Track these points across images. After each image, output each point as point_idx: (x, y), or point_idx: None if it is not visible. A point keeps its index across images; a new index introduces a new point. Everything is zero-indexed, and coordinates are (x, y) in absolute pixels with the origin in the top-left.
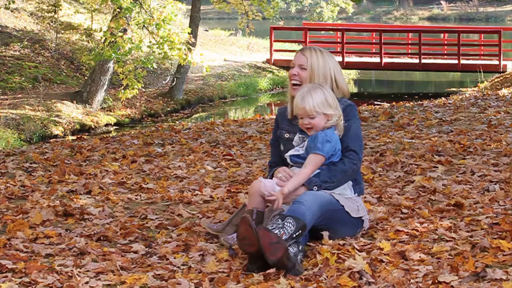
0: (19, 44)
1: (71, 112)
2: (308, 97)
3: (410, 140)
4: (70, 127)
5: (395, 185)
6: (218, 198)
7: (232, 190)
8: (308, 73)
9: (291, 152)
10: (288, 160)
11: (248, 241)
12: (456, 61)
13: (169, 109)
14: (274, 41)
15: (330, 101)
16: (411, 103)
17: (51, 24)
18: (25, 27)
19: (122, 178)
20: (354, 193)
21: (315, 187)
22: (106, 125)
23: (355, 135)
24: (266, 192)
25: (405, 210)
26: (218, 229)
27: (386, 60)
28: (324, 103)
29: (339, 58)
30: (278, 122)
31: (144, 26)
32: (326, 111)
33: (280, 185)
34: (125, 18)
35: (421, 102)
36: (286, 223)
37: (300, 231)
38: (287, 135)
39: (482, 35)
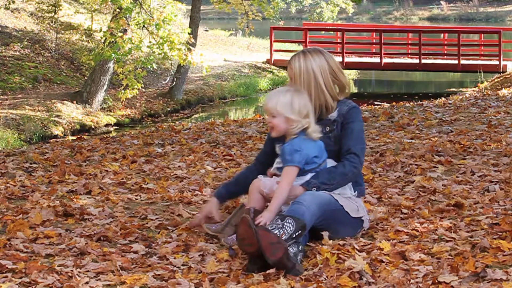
0: (19, 44)
1: (71, 112)
2: (274, 96)
3: (410, 140)
4: (70, 127)
5: (395, 185)
6: None
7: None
8: (293, 82)
9: (275, 165)
10: (278, 173)
11: (248, 242)
12: (456, 61)
13: (169, 109)
14: (274, 41)
15: (296, 106)
16: (411, 103)
17: (51, 24)
18: (25, 27)
19: (122, 178)
20: (355, 192)
21: (314, 188)
22: (106, 125)
23: (357, 138)
24: (265, 189)
25: (405, 210)
26: (217, 229)
27: (386, 60)
28: (287, 105)
29: (339, 58)
30: None
31: (144, 26)
32: (287, 114)
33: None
34: (125, 18)
35: (421, 102)
36: (285, 223)
37: (300, 231)
38: None
39: (482, 35)
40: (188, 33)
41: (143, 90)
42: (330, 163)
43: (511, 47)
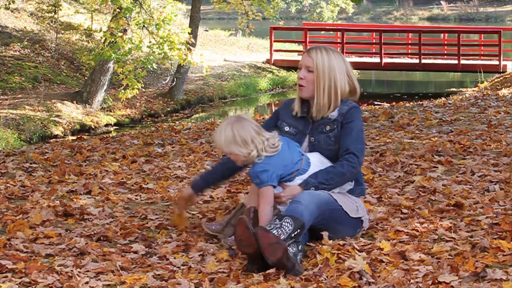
0: (19, 44)
1: (71, 112)
2: (218, 136)
3: (410, 140)
4: (70, 127)
5: (395, 185)
6: (218, 198)
7: (232, 190)
8: (314, 75)
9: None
10: None
11: (246, 243)
12: (456, 61)
13: (169, 109)
14: (274, 41)
15: (238, 139)
16: (411, 103)
17: (51, 24)
18: (25, 27)
19: (122, 178)
20: (352, 182)
21: (312, 187)
22: (106, 125)
23: (356, 137)
24: None
25: (405, 210)
26: (217, 229)
27: (386, 60)
28: (231, 142)
29: None
30: (279, 113)
31: (144, 26)
32: (234, 150)
33: (280, 184)
34: (125, 18)
35: (421, 102)
36: (284, 223)
37: (298, 231)
38: (287, 128)
39: (482, 35)
40: (188, 33)
41: (143, 90)
42: (314, 156)
43: (511, 47)
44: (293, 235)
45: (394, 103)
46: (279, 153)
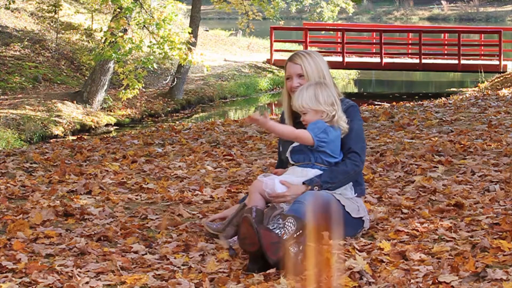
0: (19, 44)
1: (71, 112)
2: (299, 94)
3: (410, 140)
4: (70, 127)
5: (395, 185)
6: (218, 198)
7: (232, 190)
8: (306, 79)
9: (292, 145)
10: (289, 159)
11: (249, 241)
12: (456, 61)
13: (169, 109)
14: (274, 41)
15: (320, 98)
16: (411, 103)
17: (51, 24)
18: (25, 27)
19: (122, 178)
20: (355, 194)
21: (316, 187)
22: (107, 125)
23: (357, 136)
24: (267, 189)
25: (405, 210)
26: (218, 228)
27: (386, 60)
28: (312, 99)
29: (339, 58)
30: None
31: (144, 26)
32: (314, 107)
33: (283, 183)
34: (125, 18)
35: (421, 102)
36: (287, 223)
37: (301, 231)
38: None
39: (482, 35)
40: (189, 33)
41: (143, 90)
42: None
43: (511, 47)
44: (295, 235)
45: (394, 103)
46: (338, 135)
